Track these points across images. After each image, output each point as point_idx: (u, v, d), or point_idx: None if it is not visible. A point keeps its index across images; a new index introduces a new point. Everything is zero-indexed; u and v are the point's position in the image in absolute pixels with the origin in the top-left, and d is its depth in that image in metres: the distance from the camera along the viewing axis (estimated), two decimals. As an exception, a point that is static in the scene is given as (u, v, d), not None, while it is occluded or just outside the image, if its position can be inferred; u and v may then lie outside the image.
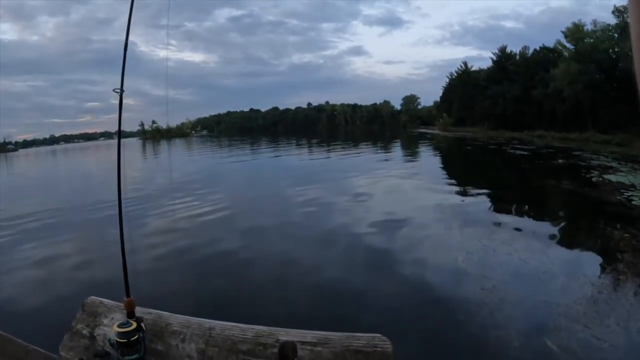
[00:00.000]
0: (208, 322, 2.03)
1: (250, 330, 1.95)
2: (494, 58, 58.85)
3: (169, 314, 2.14)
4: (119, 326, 1.87)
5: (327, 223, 11.63)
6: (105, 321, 2.15)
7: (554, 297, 6.28)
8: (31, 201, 18.89)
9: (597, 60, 33.39)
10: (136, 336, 1.87)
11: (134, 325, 1.88)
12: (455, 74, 72.46)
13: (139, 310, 2.09)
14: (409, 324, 5.74)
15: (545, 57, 46.73)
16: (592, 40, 35.71)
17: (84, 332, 2.15)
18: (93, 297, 2.34)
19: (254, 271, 8.23)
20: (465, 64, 70.58)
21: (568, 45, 40.24)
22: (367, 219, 11.56)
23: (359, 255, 8.78)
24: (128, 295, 2.08)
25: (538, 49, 51.16)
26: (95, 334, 2.12)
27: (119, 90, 2.35)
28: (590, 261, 7.98)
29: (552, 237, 9.53)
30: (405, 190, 16.26)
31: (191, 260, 9.02)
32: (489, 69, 60.85)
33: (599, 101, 33.06)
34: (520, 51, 55.56)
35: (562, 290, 6.53)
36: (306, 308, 6.49)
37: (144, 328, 1.95)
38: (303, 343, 1.81)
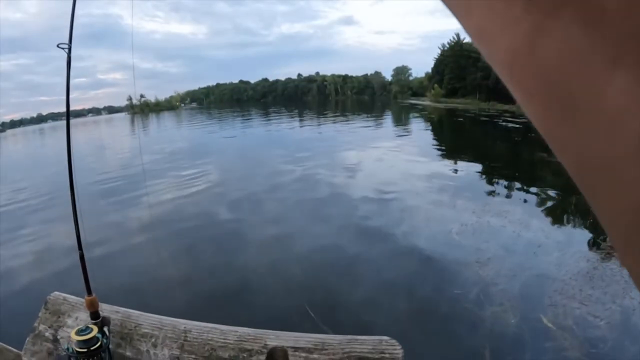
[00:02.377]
0: (183, 323, 1.77)
1: (232, 333, 1.69)
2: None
3: (138, 312, 1.88)
4: (77, 333, 1.59)
5: (317, 194, 11.63)
6: (69, 321, 1.89)
7: (550, 272, 6.22)
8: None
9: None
10: (98, 343, 1.60)
11: (95, 330, 1.62)
12: (448, 45, 72.10)
13: (105, 309, 1.84)
14: (402, 298, 5.68)
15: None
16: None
17: (47, 334, 1.89)
18: (57, 293, 2.06)
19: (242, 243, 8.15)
20: (457, 35, 70.18)
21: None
22: (357, 191, 11.50)
23: (350, 228, 8.66)
24: (89, 292, 1.78)
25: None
26: (58, 337, 1.86)
27: (65, 46, 1.88)
28: (585, 237, 7.92)
29: (546, 211, 9.49)
30: (396, 162, 16.15)
31: (178, 233, 8.97)
32: (481, 40, 60.31)
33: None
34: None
35: (557, 265, 6.46)
36: (297, 278, 6.51)
37: (107, 333, 1.69)
38: (295, 349, 1.57)
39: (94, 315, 1.75)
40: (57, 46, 1.85)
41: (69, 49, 1.87)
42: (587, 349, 4.42)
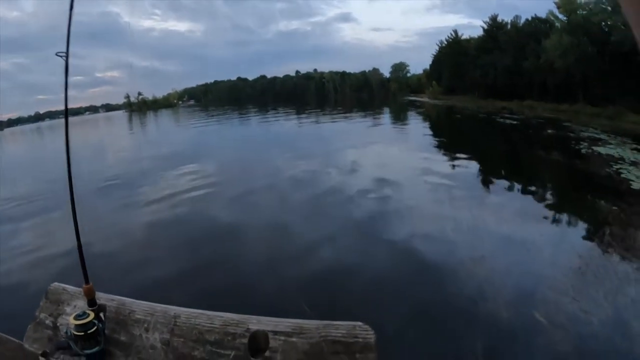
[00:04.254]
0: (173, 310, 1.87)
1: (218, 318, 1.79)
2: (485, 27, 58.28)
3: (132, 300, 1.97)
4: (75, 318, 1.71)
5: (316, 189, 11.73)
6: (68, 309, 1.99)
7: (543, 268, 6.28)
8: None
9: (590, 32, 33.03)
10: (94, 328, 1.72)
11: (91, 315, 1.73)
12: (446, 42, 71.91)
13: (101, 297, 1.94)
14: (397, 296, 5.72)
15: (537, 28, 46.23)
16: (584, 12, 35.28)
17: (47, 322, 1.99)
18: (56, 284, 2.15)
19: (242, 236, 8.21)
20: (455, 32, 69.79)
21: (560, 16, 39.72)
22: (355, 186, 11.57)
23: (347, 224, 8.75)
24: (87, 281, 1.89)
25: (530, 19, 50.68)
26: (58, 324, 1.96)
27: (62, 54, 1.95)
28: (579, 233, 7.99)
29: (541, 208, 9.55)
30: (395, 158, 16.21)
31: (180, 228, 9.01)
32: (479, 38, 60.05)
33: (590, 74, 32.87)
34: (511, 21, 55.00)
35: (550, 261, 6.52)
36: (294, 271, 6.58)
37: (102, 318, 1.80)
38: (275, 333, 1.66)
39: (91, 302, 1.85)
40: (56, 54, 1.92)
41: (67, 57, 1.95)
42: (579, 344, 4.46)
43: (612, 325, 4.82)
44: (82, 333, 1.68)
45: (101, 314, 1.82)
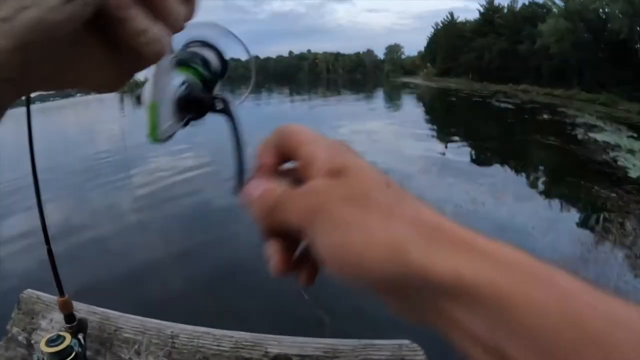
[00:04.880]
0: (170, 327, 1.58)
1: (227, 338, 1.50)
2: (481, 10, 58.14)
3: (119, 314, 1.69)
4: (47, 343, 1.35)
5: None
6: (43, 324, 1.70)
7: (544, 253, 6.17)
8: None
9: (586, 19, 32.99)
10: (73, 354, 1.36)
11: (68, 339, 1.37)
12: (441, 25, 71.70)
13: (80, 309, 1.64)
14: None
15: (534, 12, 46.28)
16: (582, -1, 35.23)
17: (20, 338, 1.68)
18: (29, 291, 1.85)
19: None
20: (451, 14, 69.67)
21: (558, 1, 39.62)
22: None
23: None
24: (62, 293, 1.52)
25: (527, 3, 50.60)
26: (32, 341, 1.66)
27: None
28: (577, 219, 7.95)
29: (539, 192, 9.52)
30: (389, 141, 16.02)
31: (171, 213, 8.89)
32: (475, 21, 60.05)
33: (586, 60, 32.91)
34: (508, 4, 54.90)
35: (551, 246, 6.45)
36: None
37: (82, 341, 1.45)
38: (302, 357, 1.38)
39: (68, 318, 1.51)
40: None
41: None
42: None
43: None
44: None
45: (80, 336, 1.47)
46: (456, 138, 16.16)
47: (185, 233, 7.68)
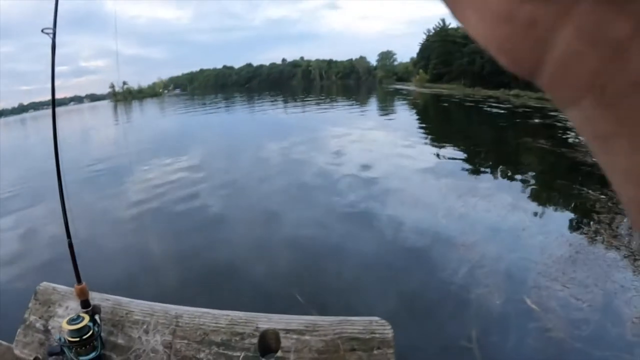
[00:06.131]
0: (174, 309, 1.76)
1: (224, 317, 1.68)
2: (473, 16, 58.17)
3: (128, 299, 1.86)
4: (68, 322, 1.57)
5: (302, 177, 11.71)
6: (60, 311, 1.86)
7: (533, 255, 6.31)
8: None
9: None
10: (90, 332, 1.58)
11: (87, 319, 1.60)
12: (433, 31, 72.00)
13: (95, 297, 1.81)
14: (389, 283, 5.73)
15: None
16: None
17: (38, 325, 1.86)
18: (45, 283, 2.03)
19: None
20: (443, 20, 70.00)
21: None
22: (343, 174, 11.55)
23: (336, 211, 8.76)
24: (79, 281, 1.77)
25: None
26: (49, 327, 1.83)
27: (49, 31, 1.81)
28: (567, 221, 8.04)
29: (530, 195, 9.61)
30: (382, 146, 16.18)
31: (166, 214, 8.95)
32: (467, 26, 60.20)
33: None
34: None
35: (540, 248, 6.56)
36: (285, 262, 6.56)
37: (98, 321, 1.67)
38: (287, 331, 1.57)
39: (84, 303, 1.73)
40: (42, 31, 1.80)
41: (54, 34, 1.82)
42: (570, 330, 4.49)
43: (603, 313, 4.86)
44: (77, 339, 1.56)
45: (96, 317, 1.69)
46: (448, 143, 16.24)
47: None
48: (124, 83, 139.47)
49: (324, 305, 5.01)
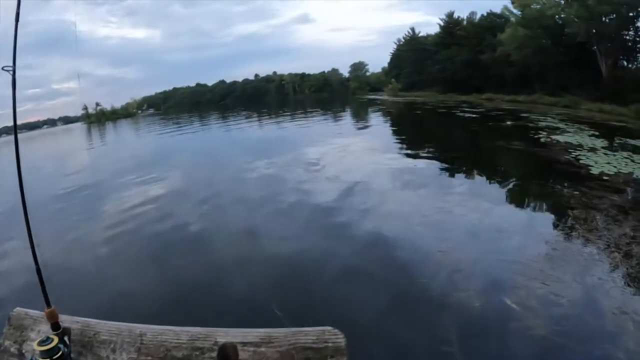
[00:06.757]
0: (139, 328, 1.82)
1: (184, 333, 1.75)
2: (442, 24, 59.11)
3: (96, 321, 1.91)
4: (39, 344, 1.62)
5: (281, 190, 11.57)
6: (32, 335, 1.92)
7: (511, 255, 6.36)
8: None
9: (544, 26, 33.87)
10: (60, 353, 1.62)
11: (56, 340, 1.64)
12: (403, 40, 72.73)
13: (65, 319, 1.85)
14: (367, 290, 5.68)
15: (493, 22, 47.44)
16: (538, 6, 36.10)
17: (12, 349, 1.91)
18: (19, 309, 2.09)
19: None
20: (412, 29, 70.87)
21: (515, 11, 40.65)
22: (319, 185, 11.57)
23: (313, 222, 8.77)
24: (48, 305, 1.83)
25: (485, 14, 51.71)
26: (23, 350, 1.89)
27: (9, 68, 1.85)
28: (543, 219, 8.17)
29: (505, 196, 9.73)
30: (357, 155, 16.30)
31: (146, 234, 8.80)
32: (437, 34, 61.03)
33: (547, 65, 33.71)
34: (467, 17, 55.99)
35: (518, 248, 6.63)
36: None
37: (67, 342, 1.71)
38: (244, 344, 1.64)
39: (55, 326, 1.78)
40: (2, 69, 1.83)
41: (14, 71, 1.87)
42: (551, 326, 4.47)
43: (583, 307, 4.86)
44: (48, 359, 1.60)
45: (65, 338, 1.73)
46: (422, 150, 16.33)
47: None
48: (97, 104, 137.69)
49: (295, 311, 4.94)
